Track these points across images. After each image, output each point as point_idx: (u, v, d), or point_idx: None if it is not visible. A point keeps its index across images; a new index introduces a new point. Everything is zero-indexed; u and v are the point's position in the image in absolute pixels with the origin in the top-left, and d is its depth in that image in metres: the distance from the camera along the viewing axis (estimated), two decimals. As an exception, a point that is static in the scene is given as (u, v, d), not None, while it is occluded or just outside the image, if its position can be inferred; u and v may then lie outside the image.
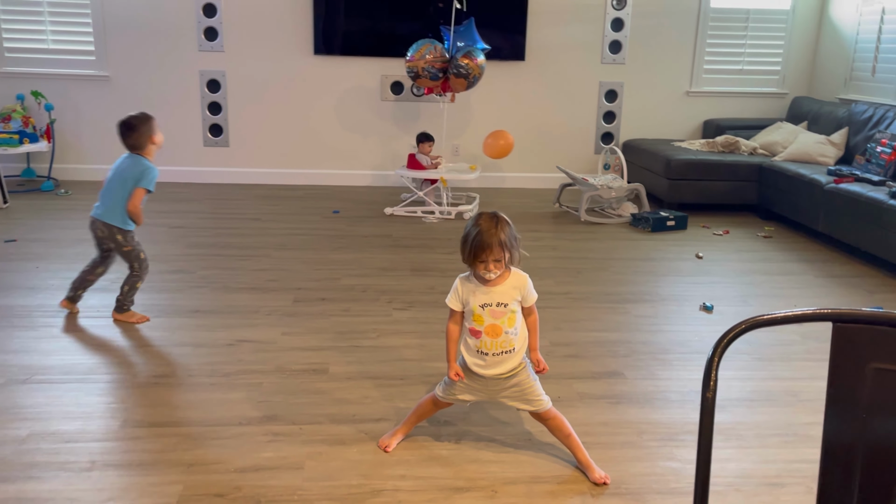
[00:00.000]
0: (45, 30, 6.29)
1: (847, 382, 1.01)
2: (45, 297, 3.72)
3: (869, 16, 6.11)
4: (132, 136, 3.37)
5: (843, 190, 4.90)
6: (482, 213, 2.29)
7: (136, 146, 3.39)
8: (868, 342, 0.98)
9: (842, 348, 1.01)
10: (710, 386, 1.01)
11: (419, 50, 5.46)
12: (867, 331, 0.98)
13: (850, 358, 1.00)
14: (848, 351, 1.00)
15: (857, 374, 0.99)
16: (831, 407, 1.03)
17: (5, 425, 2.53)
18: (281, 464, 2.36)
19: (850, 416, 1.01)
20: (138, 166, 3.36)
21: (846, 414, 1.01)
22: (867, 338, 0.98)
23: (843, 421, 1.02)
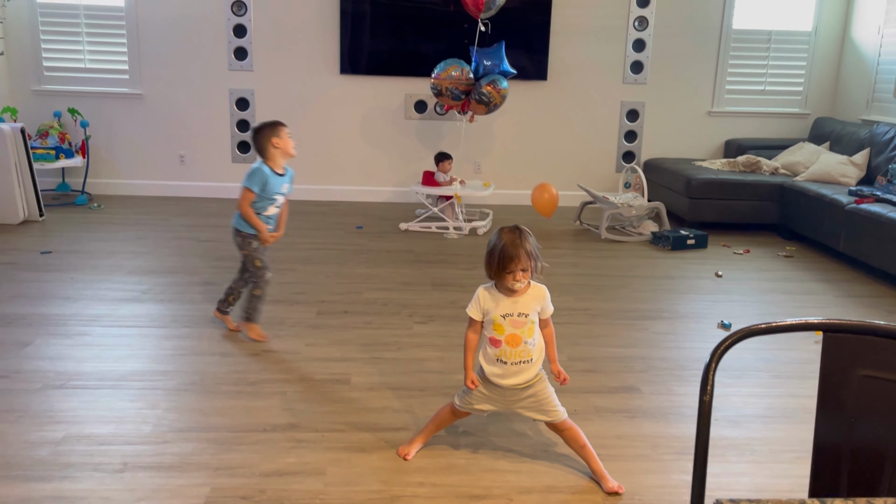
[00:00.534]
0: (83, 49, 6.52)
1: (836, 388, 1.07)
2: (79, 307, 3.86)
3: (891, 37, 6.13)
4: (254, 142, 3.49)
5: (865, 210, 4.92)
6: (503, 227, 2.38)
7: (259, 151, 3.48)
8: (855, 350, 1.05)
9: (831, 356, 1.08)
10: (707, 390, 1.08)
11: (446, 69, 5.58)
12: (855, 340, 1.05)
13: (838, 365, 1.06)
14: (837, 358, 1.07)
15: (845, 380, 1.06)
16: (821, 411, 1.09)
17: (42, 427, 2.64)
18: (304, 469, 2.44)
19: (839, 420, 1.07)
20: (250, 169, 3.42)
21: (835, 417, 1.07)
22: (855, 346, 1.05)
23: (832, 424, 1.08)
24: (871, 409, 1.04)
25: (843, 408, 1.06)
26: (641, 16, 6.64)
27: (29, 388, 2.93)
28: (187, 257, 4.82)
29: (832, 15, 6.73)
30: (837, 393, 1.07)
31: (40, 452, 2.48)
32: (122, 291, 4.12)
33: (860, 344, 1.05)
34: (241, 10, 6.44)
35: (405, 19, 6.50)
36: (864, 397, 1.05)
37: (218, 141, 6.72)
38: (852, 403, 1.05)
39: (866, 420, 1.04)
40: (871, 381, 1.04)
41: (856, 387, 1.05)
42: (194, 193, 6.74)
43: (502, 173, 6.80)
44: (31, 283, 4.22)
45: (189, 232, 5.47)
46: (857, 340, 1.05)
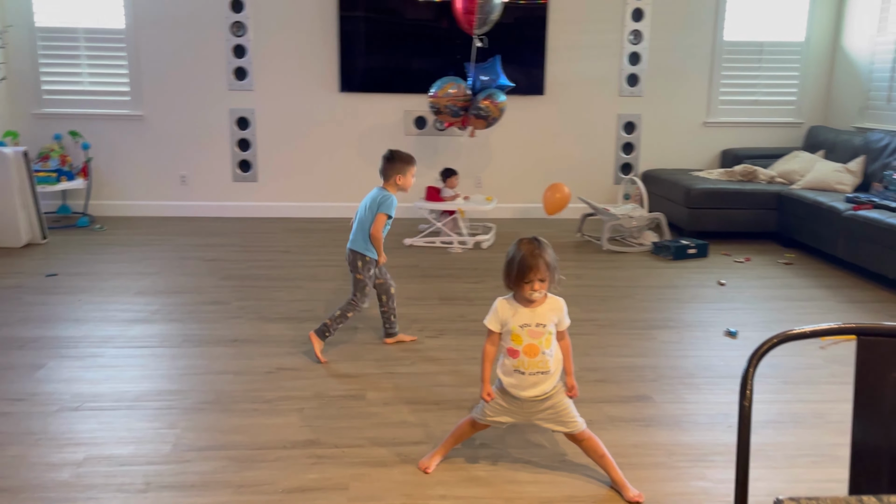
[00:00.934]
0: (82, 72, 6.55)
1: (871, 390, 1.11)
2: (90, 329, 3.87)
3: (883, 45, 6.23)
4: (383, 167, 3.56)
5: (862, 217, 4.98)
6: (521, 238, 2.42)
7: (384, 177, 3.56)
8: (890, 353, 1.08)
9: (866, 359, 1.11)
10: (746, 395, 1.11)
11: (443, 87, 5.64)
12: (889, 343, 1.08)
13: (873, 368, 1.10)
14: (872, 361, 1.10)
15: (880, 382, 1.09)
16: (858, 413, 1.13)
17: (62, 449, 2.65)
18: (326, 485, 2.46)
19: (876, 421, 1.11)
20: (381, 195, 3.52)
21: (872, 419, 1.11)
22: (889, 349, 1.08)
23: (870, 425, 1.11)
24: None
25: (880, 410, 1.10)
26: (636, 29, 6.73)
27: (45, 411, 2.94)
28: (194, 277, 4.84)
29: (824, 25, 6.84)
30: (873, 395, 1.10)
31: (62, 475, 2.49)
32: (132, 312, 4.13)
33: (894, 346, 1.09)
34: (241, 30, 6.50)
35: (402, 37, 6.56)
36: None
37: (219, 160, 6.75)
38: (889, 405, 1.09)
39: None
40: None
41: (892, 389, 1.09)
42: (196, 213, 6.76)
43: (503, 187, 6.86)
44: (39, 305, 4.23)
45: (194, 252, 5.49)
46: (891, 343, 1.09)
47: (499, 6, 5.52)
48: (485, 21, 5.51)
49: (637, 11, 6.70)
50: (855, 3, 6.62)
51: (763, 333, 3.97)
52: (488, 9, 5.44)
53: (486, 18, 5.51)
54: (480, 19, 5.47)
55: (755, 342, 3.79)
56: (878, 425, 1.10)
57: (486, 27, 5.59)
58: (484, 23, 5.52)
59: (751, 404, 1.13)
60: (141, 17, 6.44)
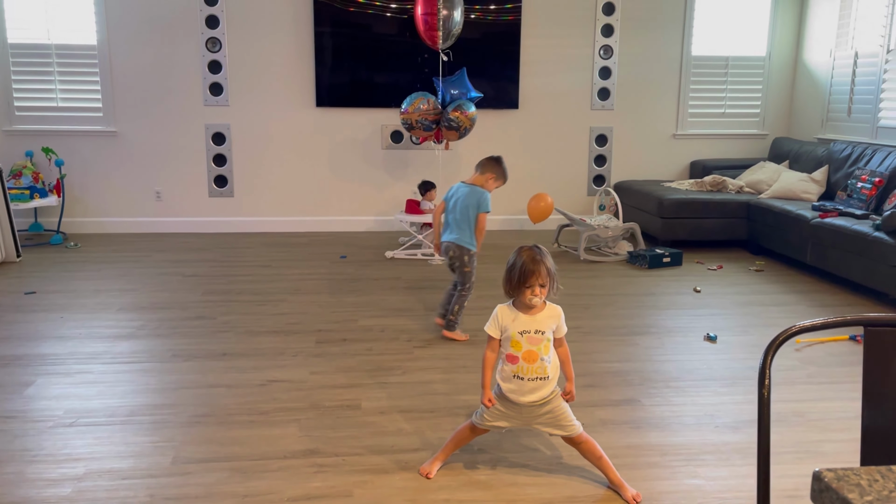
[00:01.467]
0: (55, 88, 6.50)
1: (879, 378, 1.20)
2: (75, 346, 3.84)
3: (842, 59, 6.49)
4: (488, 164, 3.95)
5: (829, 224, 5.17)
6: (522, 246, 2.49)
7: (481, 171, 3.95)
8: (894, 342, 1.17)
9: (873, 348, 1.20)
10: (765, 384, 1.19)
11: (413, 103, 5.72)
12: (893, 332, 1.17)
13: (880, 357, 1.19)
14: (878, 350, 1.19)
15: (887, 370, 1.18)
16: (867, 399, 1.21)
17: (60, 465, 2.64)
18: (330, 492, 2.49)
19: (884, 408, 1.19)
20: (475, 195, 3.86)
21: (880, 404, 1.20)
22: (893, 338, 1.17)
23: (878, 412, 1.20)
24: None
25: (887, 397, 1.18)
26: (606, 45, 6.90)
27: (39, 428, 2.92)
28: (176, 293, 4.82)
29: (784, 40, 7.09)
30: (881, 383, 1.19)
31: (64, 490, 2.48)
32: (116, 329, 4.11)
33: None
34: (216, 46, 6.51)
35: (377, 52, 6.63)
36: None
37: (194, 176, 6.73)
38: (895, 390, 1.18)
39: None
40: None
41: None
42: (172, 229, 6.73)
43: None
44: (21, 323, 4.19)
45: (173, 267, 5.47)
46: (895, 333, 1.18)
47: (459, 22, 5.61)
48: (448, 36, 5.59)
49: (607, 27, 6.87)
50: (814, 19, 6.88)
51: (741, 337, 4.11)
52: (450, 25, 5.53)
53: (448, 33, 5.59)
54: (444, 34, 5.56)
55: (734, 346, 3.94)
56: (885, 409, 1.19)
57: (451, 40, 5.68)
58: (447, 37, 5.60)
59: (769, 393, 1.21)
60: (114, 33, 6.42)
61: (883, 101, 5.99)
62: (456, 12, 5.55)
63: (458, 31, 5.69)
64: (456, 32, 5.67)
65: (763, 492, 1.21)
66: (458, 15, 5.58)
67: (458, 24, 5.60)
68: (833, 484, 0.83)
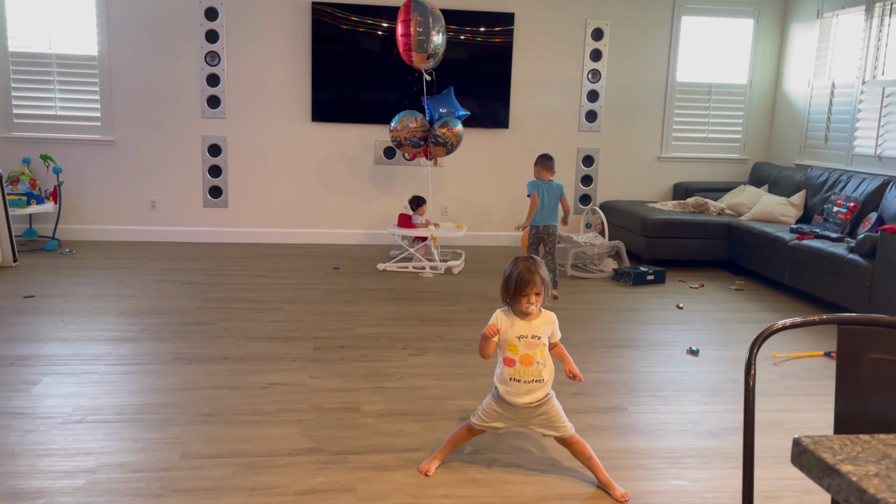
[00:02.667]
0: (54, 97, 6.60)
1: (850, 370, 1.36)
2: (78, 347, 3.93)
3: (820, 89, 6.76)
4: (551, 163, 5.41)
5: (806, 246, 5.38)
6: (517, 257, 2.65)
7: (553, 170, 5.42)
8: (865, 338, 1.33)
9: (845, 344, 1.36)
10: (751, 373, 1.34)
11: (402, 121, 5.90)
12: (865, 330, 1.33)
13: (852, 351, 1.35)
14: (850, 346, 1.35)
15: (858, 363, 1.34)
16: (840, 390, 1.37)
17: (73, 458, 2.74)
18: (335, 487, 2.61)
19: (854, 396, 1.35)
20: (558, 185, 5.40)
21: (851, 395, 1.36)
22: (864, 335, 1.33)
23: (849, 400, 1.36)
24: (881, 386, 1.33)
25: (857, 386, 1.34)
26: (594, 69, 7.13)
27: (49, 424, 3.02)
28: (174, 299, 4.92)
29: (765, 70, 7.36)
30: (852, 374, 1.35)
31: (78, 482, 2.58)
32: (117, 332, 4.21)
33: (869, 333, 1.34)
34: (215, 60, 6.66)
35: (373, 70, 6.81)
36: (874, 376, 1.33)
37: (190, 186, 6.84)
38: (864, 382, 1.34)
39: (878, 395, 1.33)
40: (879, 363, 1.33)
41: (867, 368, 1.34)
42: (165, 238, 6.82)
43: (470, 216, 7.12)
44: (22, 325, 4.27)
45: (170, 275, 5.57)
46: (866, 331, 1.34)
47: (440, 44, 5.73)
48: (428, 57, 5.68)
49: (595, 52, 7.10)
50: (793, 50, 7.16)
51: (722, 351, 4.29)
52: (427, 47, 5.62)
53: (427, 55, 5.68)
54: (423, 56, 5.66)
55: (715, 360, 4.12)
56: (856, 398, 1.35)
57: (433, 62, 5.79)
58: (429, 58, 5.69)
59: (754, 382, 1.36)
60: (115, 44, 6.54)
61: (858, 130, 6.25)
62: (436, 36, 5.68)
63: (439, 52, 5.76)
64: (436, 54, 5.75)
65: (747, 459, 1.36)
66: (437, 38, 5.70)
67: (438, 45, 5.70)
68: (810, 447, 0.99)
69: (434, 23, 5.62)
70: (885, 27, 6.02)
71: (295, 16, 6.69)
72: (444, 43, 5.79)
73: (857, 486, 0.89)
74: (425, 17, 5.58)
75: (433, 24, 5.62)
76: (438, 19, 5.67)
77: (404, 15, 5.63)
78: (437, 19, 5.65)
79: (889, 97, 5.92)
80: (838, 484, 0.92)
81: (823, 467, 0.95)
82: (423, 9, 5.59)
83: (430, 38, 5.62)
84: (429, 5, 5.63)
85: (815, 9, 6.83)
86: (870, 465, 0.94)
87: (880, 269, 4.65)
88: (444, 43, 5.79)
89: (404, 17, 5.63)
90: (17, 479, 2.58)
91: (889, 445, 1.00)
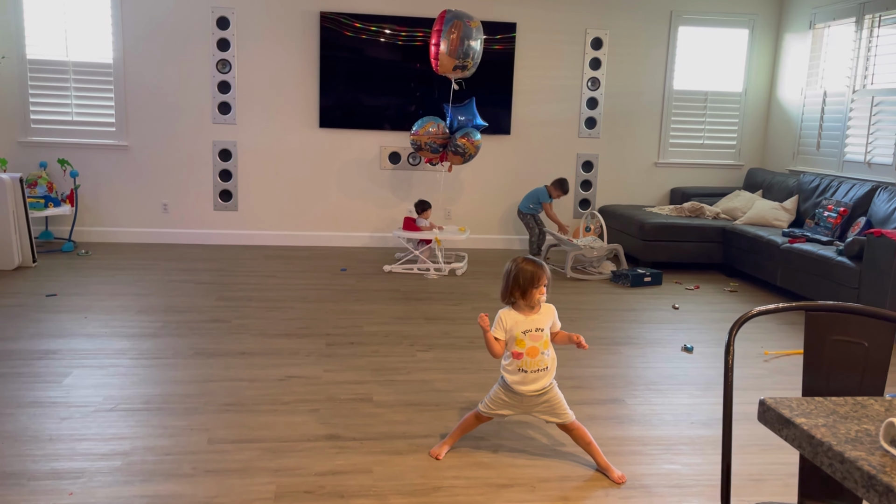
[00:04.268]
0: (70, 103, 6.81)
1: (816, 350, 1.56)
2: (103, 343, 4.14)
3: (812, 97, 6.98)
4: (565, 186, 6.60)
5: (798, 249, 5.60)
6: (516, 258, 2.86)
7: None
8: (828, 322, 1.54)
9: (811, 328, 1.57)
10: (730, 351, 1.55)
11: (424, 126, 6.11)
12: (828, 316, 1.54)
13: (817, 334, 1.55)
14: (815, 329, 1.56)
15: (822, 344, 1.55)
16: (807, 367, 1.58)
17: (108, 442, 2.94)
18: (352, 469, 2.82)
19: (819, 373, 1.56)
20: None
21: (816, 371, 1.56)
22: (828, 320, 1.54)
23: (814, 376, 1.56)
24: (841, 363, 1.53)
25: (821, 364, 1.55)
26: (594, 77, 7.35)
27: (83, 412, 3.22)
28: (191, 297, 5.13)
29: (759, 78, 7.59)
30: (817, 354, 1.55)
31: (115, 462, 2.78)
32: (139, 328, 4.41)
33: (832, 318, 1.54)
34: (226, 67, 6.87)
35: (379, 77, 7.03)
36: (836, 355, 1.54)
37: (201, 190, 7.05)
38: (828, 360, 1.54)
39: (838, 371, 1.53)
40: (840, 344, 1.53)
41: (830, 348, 1.54)
42: (177, 240, 7.03)
43: (471, 220, 7.33)
44: (48, 322, 4.47)
45: (185, 275, 5.77)
46: (830, 316, 1.54)
47: (477, 50, 5.92)
48: (465, 67, 5.89)
49: (595, 60, 7.33)
50: (787, 59, 7.39)
51: (716, 349, 4.49)
52: (463, 52, 5.83)
53: (472, 62, 5.88)
54: (459, 64, 5.88)
55: (708, 357, 4.32)
56: (820, 375, 1.55)
57: (466, 71, 5.99)
58: (465, 67, 5.90)
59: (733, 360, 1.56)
60: (129, 53, 6.76)
61: (849, 138, 6.47)
62: (473, 42, 5.85)
63: (469, 64, 5.91)
64: (466, 66, 5.89)
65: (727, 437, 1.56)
66: (476, 45, 5.87)
67: (475, 51, 5.86)
68: (772, 406, 1.20)
69: (468, 34, 5.77)
70: (874, 38, 6.24)
71: (304, 25, 6.91)
72: (476, 56, 5.91)
73: (807, 434, 1.09)
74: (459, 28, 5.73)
75: (468, 32, 5.76)
76: (471, 31, 5.80)
77: (438, 25, 5.83)
78: (469, 31, 5.78)
79: (878, 106, 6.14)
80: (793, 433, 1.13)
81: (782, 420, 1.16)
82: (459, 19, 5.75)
83: (466, 45, 5.76)
84: (464, 16, 5.79)
85: (807, 20, 7.05)
86: (819, 418, 1.14)
87: (867, 270, 4.86)
88: (476, 56, 5.91)
89: (437, 27, 5.82)
90: (57, 461, 2.78)
91: (837, 405, 1.21)
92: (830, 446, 1.03)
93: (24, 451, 2.84)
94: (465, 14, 5.85)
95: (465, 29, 5.75)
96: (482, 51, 6.01)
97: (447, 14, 5.81)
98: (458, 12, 5.85)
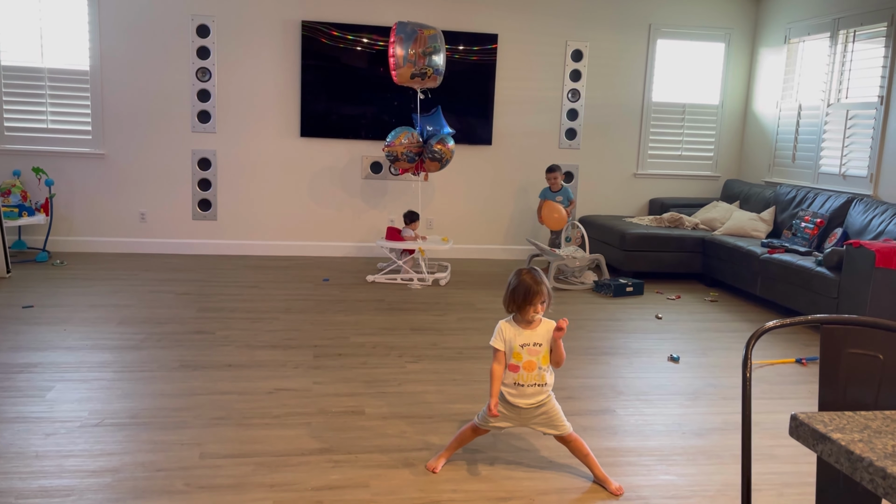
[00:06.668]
0: (46, 111, 6.68)
1: (832, 363, 1.58)
2: (84, 355, 4.04)
3: (787, 111, 7.11)
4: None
5: (777, 259, 5.68)
6: (520, 269, 2.85)
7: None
8: (844, 336, 1.55)
9: (827, 341, 1.58)
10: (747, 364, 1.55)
11: (398, 136, 6.11)
12: (843, 329, 1.56)
13: (833, 346, 1.57)
14: (831, 342, 1.57)
15: (838, 356, 1.56)
16: (823, 380, 1.59)
17: (95, 459, 2.87)
18: (349, 483, 2.78)
19: (835, 385, 1.57)
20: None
21: (832, 384, 1.58)
22: (843, 333, 1.55)
23: (830, 388, 1.58)
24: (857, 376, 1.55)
25: (838, 377, 1.56)
26: (574, 88, 7.41)
27: (68, 427, 3.14)
28: (172, 308, 5.05)
29: (735, 91, 7.71)
30: (833, 366, 1.57)
31: (105, 479, 2.71)
32: (121, 340, 4.32)
33: (847, 331, 1.56)
34: (206, 76, 6.80)
35: (360, 87, 7.01)
36: (851, 368, 1.55)
37: (179, 199, 6.95)
38: (844, 373, 1.56)
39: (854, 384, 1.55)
40: (855, 356, 1.55)
41: (845, 361, 1.56)
42: (154, 250, 6.92)
43: (454, 230, 7.32)
44: (26, 334, 4.36)
45: (164, 286, 5.68)
46: (845, 329, 1.56)
47: (439, 64, 5.96)
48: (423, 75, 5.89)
49: (575, 72, 7.39)
50: (762, 73, 7.52)
51: (701, 359, 4.53)
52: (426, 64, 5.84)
53: (436, 69, 5.91)
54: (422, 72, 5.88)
55: (695, 366, 4.36)
56: (837, 388, 1.56)
57: (429, 81, 5.98)
58: (423, 77, 5.91)
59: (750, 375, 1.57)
60: (107, 60, 6.65)
61: (824, 150, 6.60)
62: (436, 56, 5.90)
63: (429, 72, 5.93)
64: (425, 74, 5.92)
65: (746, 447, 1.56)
66: (437, 59, 5.93)
67: (433, 60, 5.91)
68: (805, 421, 1.20)
69: (421, 43, 5.82)
70: (848, 53, 6.38)
71: (285, 33, 6.87)
72: (438, 64, 5.95)
73: (846, 449, 1.10)
74: (409, 39, 5.78)
75: (427, 45, 5.82)
76: (426, 40, 5.86)
77: (392, 36, 5.86)
78: (424, 40, 5.84)
79: (852, 119, 6.27)
80: (830, 449, 1.14)
81: (817, 436, 1.16)
82: (407, 29, 5.81)
83: (422, 59, 5.82)
84: (416, 27, 5.85)
85: (782, 34, 7.19)
86: (854, 433, 1.15)
87: (846, 280, 4.94)
88: (438, 64, 5.95)
89: (392, 39, 5.86)
90: (45, 479, 2.71)
91: (868, 419, 1.22)
92: (871, 462, 1.04)
93: (11, 469, 2.76)
94: (417, 24, 5.88)
95: (416, 38, 5.78)
96: (445, 60, 6.04)
97: (398, 25, 5.86)
98: (409, 23, 5.88)
